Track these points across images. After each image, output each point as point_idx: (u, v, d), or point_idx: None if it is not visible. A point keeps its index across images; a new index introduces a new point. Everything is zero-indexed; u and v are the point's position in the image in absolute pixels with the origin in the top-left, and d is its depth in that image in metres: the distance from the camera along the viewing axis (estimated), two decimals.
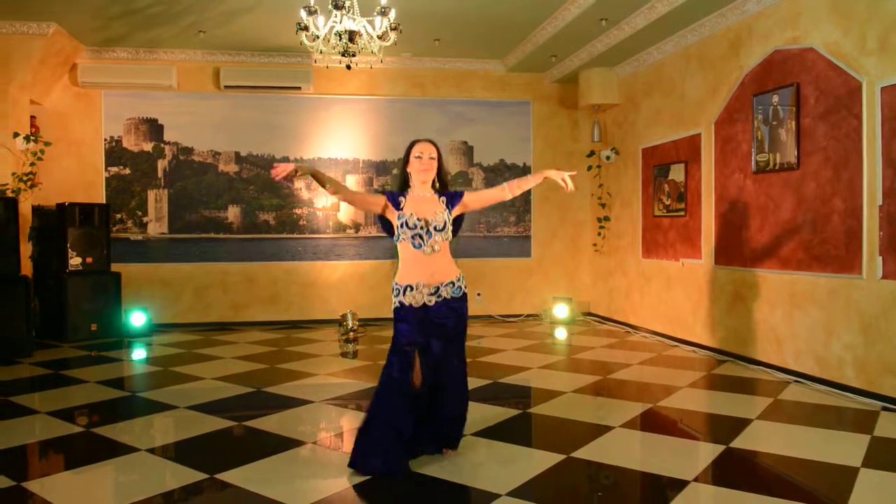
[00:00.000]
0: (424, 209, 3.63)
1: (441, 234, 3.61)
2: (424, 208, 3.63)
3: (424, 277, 3.59)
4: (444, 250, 3.64)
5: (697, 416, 4.60)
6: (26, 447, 3.92)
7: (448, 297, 3.63)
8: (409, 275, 3.60)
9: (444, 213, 3.64)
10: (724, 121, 6.38)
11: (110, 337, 7.55)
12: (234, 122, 8.53)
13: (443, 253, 3.64)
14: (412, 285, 3.58)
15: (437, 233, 3.59)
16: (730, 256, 6.29)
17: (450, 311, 3.63)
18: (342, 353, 6.90)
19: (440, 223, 3.61)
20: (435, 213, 3.63)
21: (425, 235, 3.58)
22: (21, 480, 3.34)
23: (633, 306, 8.13)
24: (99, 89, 8.20)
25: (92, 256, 7.57)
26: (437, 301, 3.60)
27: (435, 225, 3.60)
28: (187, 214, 8.47)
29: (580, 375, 5.71)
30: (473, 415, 4.40)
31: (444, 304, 3.62)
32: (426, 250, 3.59)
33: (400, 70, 8.78)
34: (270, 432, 4.14)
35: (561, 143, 9.19)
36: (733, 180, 6.23)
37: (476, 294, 8.97)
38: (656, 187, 7.58)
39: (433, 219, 3.60)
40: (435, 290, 3.60)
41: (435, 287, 3.60)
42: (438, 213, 3.63)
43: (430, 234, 3.59)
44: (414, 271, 3.59)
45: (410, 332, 3.57)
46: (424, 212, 3.62)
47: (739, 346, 6.16)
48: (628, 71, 8.13)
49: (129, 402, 4.98)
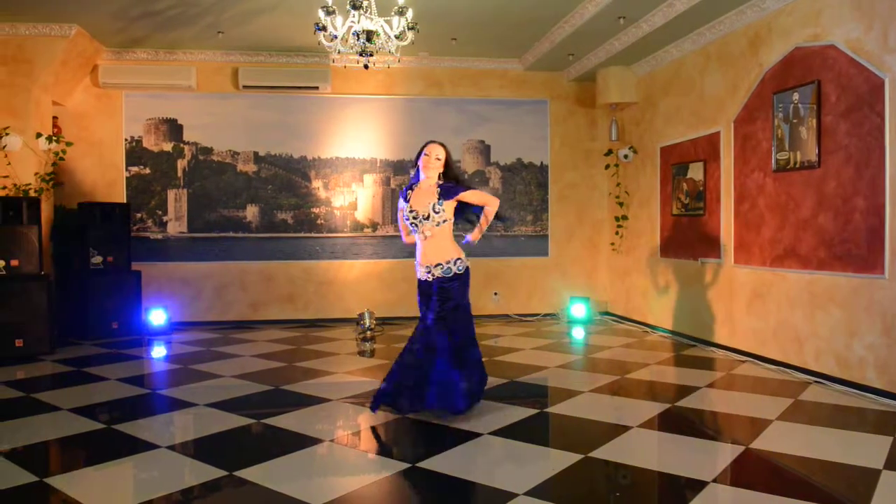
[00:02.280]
0: (420, 202, 4.34)
1: (429, 222, 4.29)
2: (421, 201, 4.34)
3: (422, 258, 4.36)
4: (438, 236, 4.32)
5: (716, 417, 4.57)
6: (49, 443, 3.98)
7: (438, 276, 4.31)
8: (419, 256, 4.40)
9: (434, 204, 4.28)
10: (743, 119, 6.33)
11: (131, 335, 7.63)
12: (252, 122, 8.58)
13: (437, 238, 4.32)
14: (417, 263, 4.42)
15: (425, 221, 4.30)
16: (749, 256, 6.24)
17: (440, 289, 4.29)
18: (359, 351, 6.92)
19: (426, 213, 4.29)
20: (426, 204, 4.31)
21: (419, 224, 4.32)
22: (44, 476, 3.39)
23: (651, 306, 8.08)
24: (120, 90, 8.28)
25: (112, 255, 7.65)
26: (430, 279, 4.33)
27: (423, 214, 4.30)
28: (206, 214, 8.53)
29: (597, 375, 5.69)
30: (490, 414, 4.42)
31: (437, 282, 4.31)
32: (420, 236, 4.35)
33: (417, 69, 8.79)
34: (288, 430, 4.16)
35: (578, 141, 9.16)
36: (753, 179, 6.18)
37: (493, 294, 8.96)
38: (674, 186, 7.53)
39: (423, 210, 4.30)
40: (427, 270, 4.35)
41: (427, 267, 4.35)
42: (429, 205, 4.30)
43: (421, 221, 4.31)
44: (419, 252, 4.39)
45: (419, 302, 4.43)
46: (419, 204, 4.33)
47: (758, 346, 6.10)
48: (646, 69, 8.08)
49: (149, 400, 5.03)
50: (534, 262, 9.12)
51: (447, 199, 4.31)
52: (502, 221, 4.77)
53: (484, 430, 4.08)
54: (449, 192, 4.32)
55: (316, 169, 8.74)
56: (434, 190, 4.33)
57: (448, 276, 4.29)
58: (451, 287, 4.30)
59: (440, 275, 4.30)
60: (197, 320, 8.39)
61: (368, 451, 3.94)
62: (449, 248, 4.35)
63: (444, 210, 4.30)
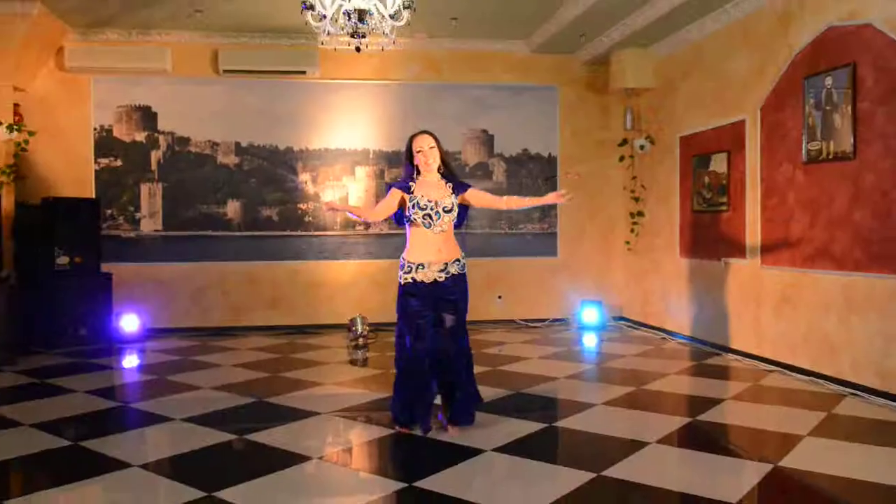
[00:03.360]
0: (433, 192, 4.34)
1: (449, 215, 4.33)
2: (433, 192, 4.35)
3: (434, 255, 4.31)
4: (450, 230, 4.39)
5: (742, 432, 4.55)
6: (8, 462, 3.95)
7: (455, 273, 4.36)
8: (420, 253, 4.32)
9: (451, 197, 4.36)
10: (771, 106, 6.31)
11: (100, 342, 7.60)
12: (233, 110, 8.56)
13: (450, 233, 4.39)
14: (423, 263, 4.30)
15: (445, 213, 4.32)
16: (777, 255, 6.23)
17: (455, 286, 4.34)
18: (351, 360, 6.92)
19: (448, 205, 4.33)
20: (443, 195, 4.35)
21: (434, 216, 4.30)
22: (3, 499, 3.36)
23: (670, 310, 8.07)
24: (88, 74, 8.26)
25: (80, 255, 7.63)
26: (447, 277, 4.32)
27: (444, 206, 4.32)
28: (183, 210, 8.52)
29: (611, 386, 5.68)
30: (493, 429, 4.41)
31: (452, 279, 4.33)
32: (436, 229, 4.31)
33: (414, 52, 8.78)
34: (273, 446, 4.15)
35: (590, 131, 9.15)
36: (781, 171, 6.16)
37: (496, 297, 8.95)
38: (696, 179, 7.52)
39: (442, 200, 4.32)
40: (444, 267, 4.32)
41: (444, 264, 4.32)
42: (446, 196, 4.35)
43: (440, 214, 4.31)
44: (424, 250, 4.32)
45: (420, 305, 4.29)
46: (434, 194, 4.34)
47: (788, 355, 6.09)
48: (665, 51, 8.07)
49: (120, 414, 5.01)
50: (541, 263, 9.11)
51: (457, 193, 4.42)
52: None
53: (487, 447, 4.07)
54: (458, 188, 4.44)
55: (303, 161, 8.73)
56: (443, 183, 4.42)
57: (463, 273, 4.43)
58: (465, 285, 4.44)
59: (457, 272, 4.37)
60: (173, 326, 8.36)
61: (361, 469, 3.94)
62: (457, 243, 4.48)
63: (455, 204, 4.40)
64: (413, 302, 4.30)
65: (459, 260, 4.41)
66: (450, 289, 4.32)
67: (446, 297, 4.32)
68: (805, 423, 4.56)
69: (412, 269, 4.31)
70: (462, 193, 4.42)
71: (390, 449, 4.21)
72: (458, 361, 4.38)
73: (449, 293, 4.32)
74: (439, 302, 4.31)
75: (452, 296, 4.33)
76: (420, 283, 4.29)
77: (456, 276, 4.35)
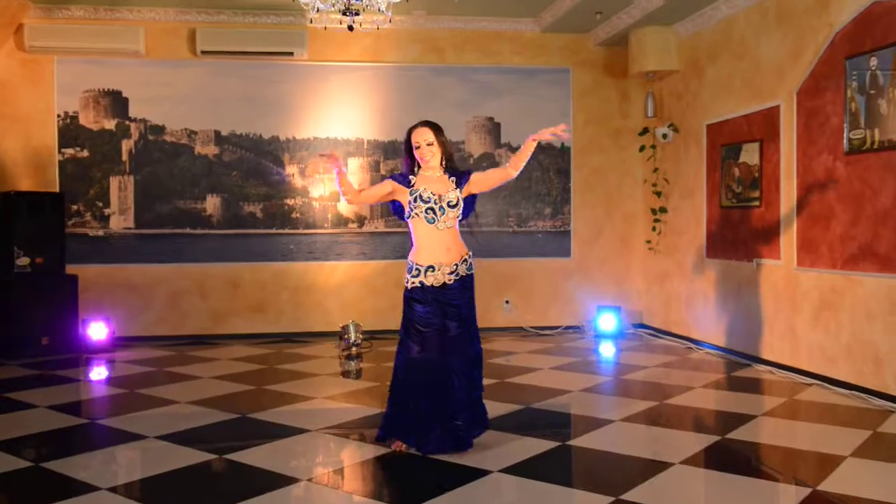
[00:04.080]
0: (436, 186, 4.39)
1: (454, 210, 4.37)
2: (436, 186, 4.39)
3: (443, 256, 4.35)
4: (455, 227, 4.43)
5: (776, 452, 4.54)
6: None
7: (464, 274, 4.41)
8: (429, 254, 4.34)
9: (455, 191, 4.40)
10: (808, 90, 6.30)
11: (64, 352, 7.60)
12: (213, 96, 8.56)
13: (455, 230, 4.43)
14: (434, 265, 4.33)
15: (450, 209, 4.36)
16: (815, 256, 6.21)
17: (463, 290, 4.40)
18: (343, 371, 6.93)
19: (453, 199, 4.37)
20: (447, 189, 4.39)
21: (438, 210, 4.34)
22: None
23: (696, 317, 8.07)
24: (50, 55, 8.25)
25: (42, 256, 7.63)
26: (455, 280, 4.36)
27: (448, 200, 4.36)
28: (158, 205, 8.51)
29: (631, 400, 5.68)
30: (500, 447, 4.41)
31: (460, 282, 4.39)
32: (440, 225, 4.34)
33: (412, 31, 8.78)
34: (257, 467, 4.14)
35: (607, 118, 9.14)
36: (820, 162, 6.15)
37: (504, 302, 8.94)
38: (724, 172, 7.52)
39: (445, 195, 4.37)
40: (454, 269, 4.37)
41: (454, 265, 4.37)
42: (450, 190, 4.39)
43: (444, 209, 4.35)
44: (432, 250, 4.35)
45: (428, 313, 4.33)
46: (437, 188, 4.38)
47: (827, 366, 6.08)
48: (690, 30, 8.06)
49: (86, 431, 5.01)
50: (553, 264, 9.10)
51: (461, 186, 4.45)
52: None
53: (493, 467, 4.07)
54: (461, 179, 4.46)
55: (290, 152, 8.72)
56: (445, 177, 4.45)
57: (471, 273, 4.48)
58: (472, 285, 4.50)
59: (465, 272, 4.43)
60: (146, 335, 8.36)
61: (354, 492, 3.93)
62: (461, 242, 4.51)
63: (461, 198, 4.43)
64: (419, 309, 4.34)
65: (467, 259, 4.46)
66: (457, 293, 4.37)
67: (452, 303, 4.36)
68: (847, 442, 4.54)
69: (421, 273, 4.34)
70: (465, 185, 4.44)
71: (386, 470, 4.21)
72: (456, 381, 4.34)
73: (454, 298, 4.36)
74: (446, 308, 4.36)
75: (457, 301, 4.37)
76: (429, 287, 4.32)
77: (465, 278, 4.41)
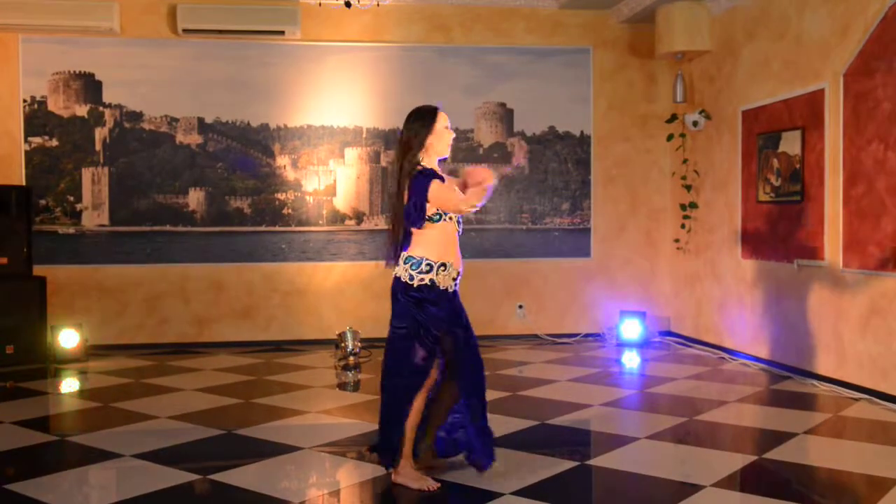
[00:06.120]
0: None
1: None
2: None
3: (458, 260, 4.29)
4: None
5: (818, 473, 4.53)
6: None
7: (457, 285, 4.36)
8: (446, 252, 4.21)
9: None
10: (857, 71, 6.28)
11: (31, 362, 7.62)
12: (196, 79, 8.59)
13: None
14: (446, 263, 4.20)
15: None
16: (864, 257, 6.19)
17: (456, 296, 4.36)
18: (339, 383, 6.94)
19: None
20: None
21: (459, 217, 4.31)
22: None
23: (730, 323, 8.06)
24: (14, 33, 8.26)
25: (7, 255, 7.66)
26: (455, 288, 4.30)
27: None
28: (135, 200, 8.54)
29: (657, 416, 5.68)
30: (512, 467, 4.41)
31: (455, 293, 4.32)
32: (460, 228, 4.32)
33: (416, 8, 8.79)
34: (244, 489, 4.15)
35: (631, 103, 9.14)
36: (870, 153, 6.13)
37: (517, 307, 8.94)
38: (762, 163, 7.50)
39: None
40: (458, 275, 4.32)
41: (458, 271, 4.31)
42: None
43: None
44: (452, 250, 4.25)
45: (445, 318, 4.21)
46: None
47: (878, 380, 6.06)
48: (724, 5, 8.05)
49: (56, 449, 5.02)
50: (571, 265, 9.10)
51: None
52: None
53: (504, 489, 4.06)
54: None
55: (281, 141, 8.74)
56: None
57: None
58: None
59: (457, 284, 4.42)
60: (122, 342, 8.39)
61: None
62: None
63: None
64: (435, 312, 4.17)
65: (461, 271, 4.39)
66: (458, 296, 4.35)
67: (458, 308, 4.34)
68: None
69: (432, 269, 4.16)
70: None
71: (385, 492, 4.20)
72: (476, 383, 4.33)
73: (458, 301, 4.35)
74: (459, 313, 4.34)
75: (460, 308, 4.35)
76: (444, 290, 4.19)
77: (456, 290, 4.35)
